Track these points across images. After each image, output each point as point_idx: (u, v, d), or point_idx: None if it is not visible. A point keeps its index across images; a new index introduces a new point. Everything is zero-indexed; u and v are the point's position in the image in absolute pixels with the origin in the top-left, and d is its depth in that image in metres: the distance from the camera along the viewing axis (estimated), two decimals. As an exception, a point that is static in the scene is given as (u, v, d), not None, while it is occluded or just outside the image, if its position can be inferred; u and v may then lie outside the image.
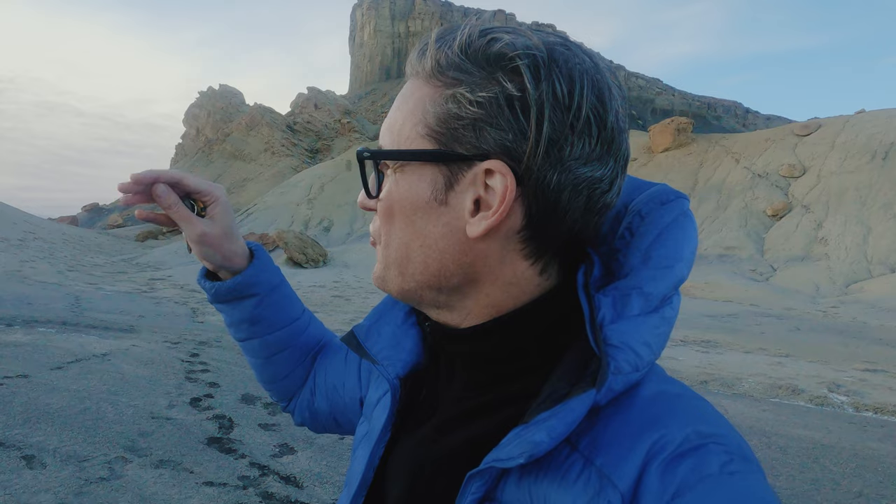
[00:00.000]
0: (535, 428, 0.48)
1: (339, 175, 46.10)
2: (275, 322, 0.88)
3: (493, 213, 0.52)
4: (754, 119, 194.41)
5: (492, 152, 0.51)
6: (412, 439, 0.61)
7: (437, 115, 0.53)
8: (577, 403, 0.48)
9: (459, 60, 0.52)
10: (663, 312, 0.53)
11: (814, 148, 35.42)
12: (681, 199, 0.58)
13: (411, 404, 0.65)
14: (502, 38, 0.51)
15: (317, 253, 29.49)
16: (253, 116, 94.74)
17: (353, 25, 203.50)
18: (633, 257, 0.55)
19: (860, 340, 14.17)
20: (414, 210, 0.55)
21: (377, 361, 0.66)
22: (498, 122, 0.50)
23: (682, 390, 0.53)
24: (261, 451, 3.97)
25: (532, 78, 0.49)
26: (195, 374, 5.88)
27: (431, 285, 0.57)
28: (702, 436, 0.47)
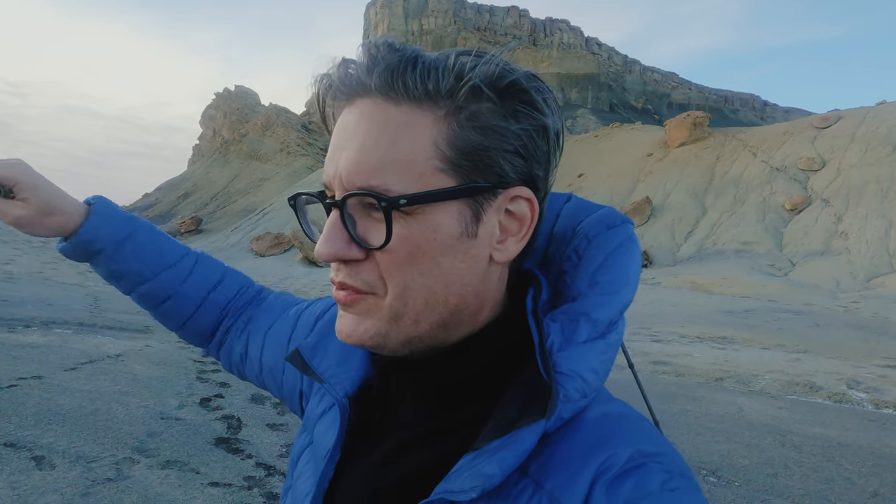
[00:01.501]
0: (486, 459, 0.48)
1: (353, 174, 46.38)
2: (139, 273, 0.86)
3: (523, 237, 0.54)
4: (772, 112, 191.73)
5: (513, 179, 0.52)
6: (363, 462, 0.60)
7: (457, 147, 0.50)
8: (527, 434, 0.48)
9: (481, 89, 0.50)
10: (609, 338, 0.54)
11: (833, 140, 34.85)
12: (626, 224, 0.59)
13: (361, 423, 0.63)
14: (511, 69, 0.51)
15: (332, 252, 29.67)
16: (268, 117, 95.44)
17: (367, 24, 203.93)
18: (580, 281, 0.56)
19: (881, 336, 13.93)
20: (443, 249, 0.51)
21: (323, 380, 0.64)
22: (524, 150, 0.52)
23: (624, 410, 0.54)
24: (268, 451, 3.99)
25: (548, 108, 0.53)
26: (206, 375, 5.92)
27: (446, 322, 0.54)
28: (644, 455, 0.48)
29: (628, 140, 48.30)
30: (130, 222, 0.86)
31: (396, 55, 0.51)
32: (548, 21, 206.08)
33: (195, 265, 0.90)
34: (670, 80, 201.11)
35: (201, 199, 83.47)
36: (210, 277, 0.91)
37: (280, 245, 34.20)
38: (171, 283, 0.88)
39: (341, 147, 0.52)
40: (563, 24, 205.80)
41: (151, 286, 0.87)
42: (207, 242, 40.27)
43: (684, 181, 38.12)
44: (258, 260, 31.68)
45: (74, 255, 0.83)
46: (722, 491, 4.13)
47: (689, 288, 22.87)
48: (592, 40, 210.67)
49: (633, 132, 50.84)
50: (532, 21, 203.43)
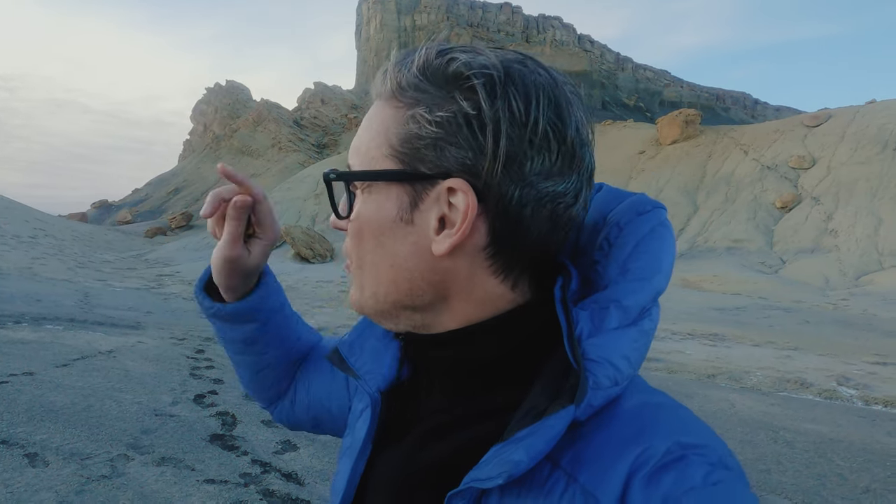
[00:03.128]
0: (514, 447, 0.48)
1: (345, 170, 46.22)
2: (270, 343, 0.84)
3: (456, 230, 0.52)
4: (763, 110, 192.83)
5: (453, 170, 0.52)
6: (393, 453, 0.61)
7: (400, 136, 0.54)
8: (555, 420, 0.47)
9: (418, 81, 0.53)
10: (642, 325, 0.53)
11: (823, 139, 35.09)
12: (658, 210, 0.58)
13: (393, 417, 0.64)
14: (459, 58, 0.52)
15: (324, 248, 29.56)
16: (260, 112, 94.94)
17: (360, 20, 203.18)
18: (612, 269, 0.55)
19: (870, 333, 14.05)
20: (382, 230, 0.55)
21: (358, 376, 0.66)
22: (457, 140, 0.51)
23: (663, 400, 0.53)
24: (263, 448, 3.97)
25: (487, 96, 0.50)
26: (200, 371, 5.90)
27: (405, 305, 0.57)
28: (683, 447, 0.46)
29: (621, 137, 48.43)
30: (282, 292, 0.84)
31: (397, 57, 0.56)
32: (541, 18, 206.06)
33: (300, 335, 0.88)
34: (662, 78, 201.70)
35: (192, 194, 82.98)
36: (307, 347, 0.90)
37: (272, 241, 34.08)
38: (286, 354, 0.86)
39: None
40: (555, 21, 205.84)
41: (273, 355, 0.85)
42: (198, 238, 40.02)
43: (676, 179, 38.30)
44: (250, 256, 31.53)
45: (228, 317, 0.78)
46: (716, 487, 4.16)
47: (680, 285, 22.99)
48: (585, 38, 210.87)
49: (625, 129, 50.97)
50: (525, 18, 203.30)
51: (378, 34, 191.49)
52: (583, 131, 0.54)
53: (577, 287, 0.55)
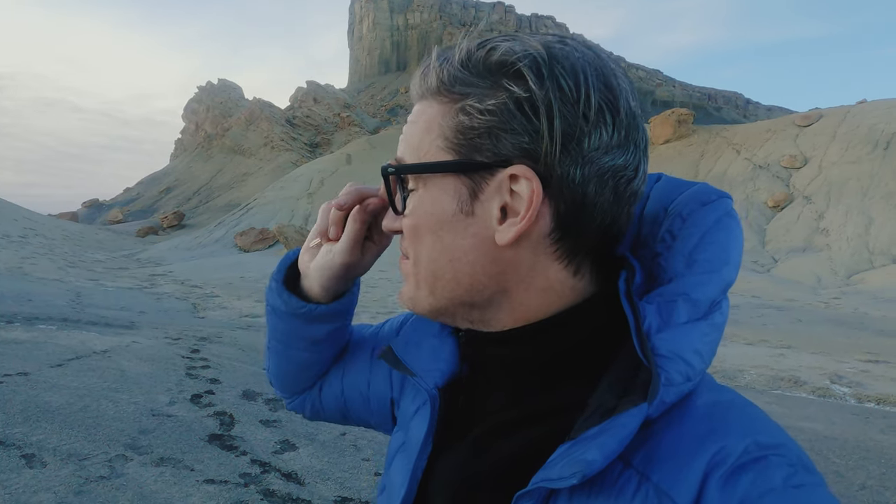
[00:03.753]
0: (586, 445, 0.47)
1: (339, 169, 46.02)
2: (335, 343, 0.81)
3: (522, 217, 0.51)
4: (755, 110, 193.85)
5: (513, 157, 0.51)
6: (454, 452, 0.60)
7: (452, 128, 0.53)
8: (628, 418, 0.46)
9: (462, 74, 0.53)
10: (713, 319, 0.52)
11: (815, 139, 35.31)
12: (723, 199, 0.56)
13: (452, 415, 0.63)
14: (500, 46, 0.51)
15: (317, 247, 29.52)
16: (252, 111, 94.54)
17: (352, 19, 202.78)
18: (677, 262, 0.53)
19: (862, 331, 14.15)
20: (441, 224, 0.54)
21: (414, 374, 0.65)
22: (511, 126, 0.50)
23: (734, 397, 0.51)
24: (262, 447, 3.95)
25: (536, 78, 0.49)
26: (196, 371, 5.86)
27: (464, 301, 0.56)
28: (762, 447, 0.45)
29: (613, 137, 48.51)
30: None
31: (436, 56, 0.56)
32: (533, 17, 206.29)
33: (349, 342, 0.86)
34: (655, 78, 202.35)
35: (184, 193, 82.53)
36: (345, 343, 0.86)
37: (265, 240, 33.91)
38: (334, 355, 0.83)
39: None
40: (548, 21, 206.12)
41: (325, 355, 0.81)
42: (191, 238, 39.85)
43: (669, 178, 38.45)
44: (242, 255, 31.40)
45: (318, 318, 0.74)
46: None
47: (673, 284, 23.06)
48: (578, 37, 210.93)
49: (618, 129, 51.08)
50: (518, 17, 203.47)
51: (371, 33, 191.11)
52: (633, 102, 0.53)
53: (641, 280, 0.53)
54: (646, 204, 0.58)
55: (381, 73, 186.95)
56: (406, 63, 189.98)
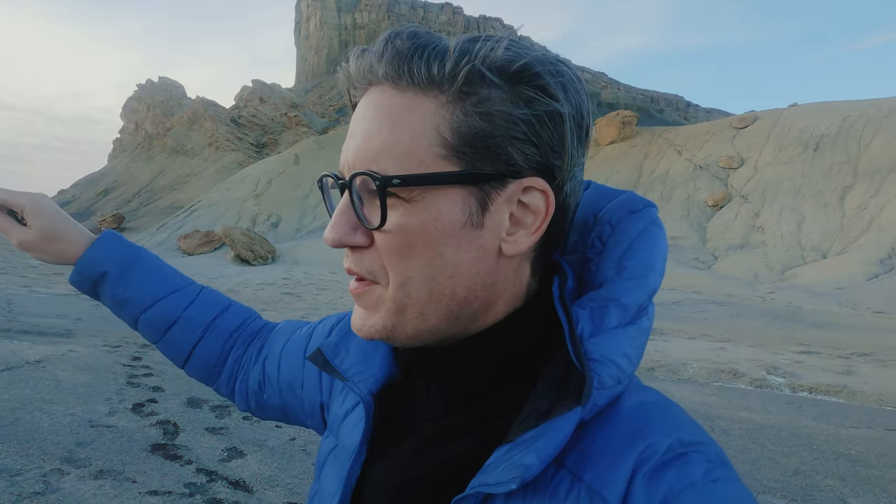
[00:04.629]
0: (523, 449, 0.47)
1: (286, 170, 45.24)
2: (144, 298, 0.86)
3: (536, 230, 0.52)
4: (695, 112, 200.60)
5: (524, 168, 0.50)
6: (390, 458, 0.59)
7: (460, 133, 0.49)
8: (563, 422, 0.47)
9: (484, 73, 0.48)
10: (640, 323, 0.53)
11: (750, 140, 36.85)
12: (650, 208, 0.58)
13: (386, 421, 0.62)
14: (523, 53, 0.49)
15: (265, 250, 28.90)
16: (195, 110, 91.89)
17: (299, 17, 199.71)
18: (607, 267, 0.54)
19: (795, 324, 14.85)
20: (446, 239, 0.50)
21: (346, 378, 0.64)
22: (528, 137, 0.49)
23: (658, 398, 0.53)
24: (208, 455, 3.85)
25: (563, 93, 0.50)
26: (137, 379, 5.66)
27: (453, 315, 0.53)
28: (683, 444, 0.47)
29: (561, 138, 49.42)
30: (135, 249, 0.89)
31: (408, 42, 0.50)
32: (481, 19, 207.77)
33: (200, 292, 0.91)
34: (600, 80, 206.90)
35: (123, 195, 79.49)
36: (215, 304, 0.91)
37: (210, 243, 33.01)
38: (175, 308, 0.87)
39: (352, 135, 0.53)
40: (496, 23, 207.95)
41: (157, 311, 0.86)
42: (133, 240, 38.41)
43: (615, 178, 39.39)
44: (186, 259, 30.46)
45: (81, 282, 0.86)
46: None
47: (619, 281, 23.66)
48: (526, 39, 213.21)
49: (565, 130, 52.05)
50: (466, 18, 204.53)
51: (318, 32, 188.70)
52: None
53: (573, 285, 0.55)
54: (575, 211, 0.58)
55: (328, 73, 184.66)
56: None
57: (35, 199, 0.85)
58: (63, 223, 0.85)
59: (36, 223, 0.83)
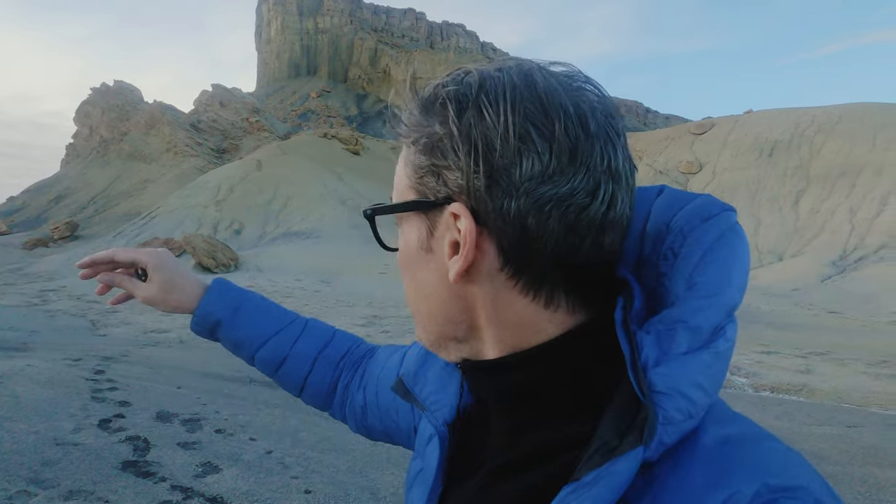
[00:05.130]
0: (582, 494, 0.45)
1: (249, 175, 44.48)
2: (255, 338, 0.94)
3: (461, 255, 0.50)
4: (654, 118, 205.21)
5: (453, 194, 0.50)
6: (464, 490, 0.59)
7: (412, 168, 0.54)
8: (624, 465, 0.44)
9: (413, 115, 0.54)
10: (716, 346, 0.48)
11: (708, 146, 37.89)
12: (726, 213, 0.52)
13: (461, 449, 0.63)
14: (445, 85, 0.52)
15: (227, 257, 28.36)
16: (153, 114, 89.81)
17: (260, 21, 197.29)
18: (678, 284, 0.50)
19: (755, 325, 15.27)
20: (411, 261, 0.56)
21: (425, 408, 0.66)
22: (445, 163, 0.50)
23: (747, 430, 0.48)
24: (182, 472, 3.74)
25: (456, 111, 0.49)
26: (102, 393, 5.47)
27: (447, 335, 0.57)
28: (773, 490, 0.42)
29: (524, 143, 49.97)
30: (242, 294, 0.96)
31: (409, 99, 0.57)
32: (444, 25, 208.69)
33: (305, 326, 0.97)
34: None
35: (77, 202, 77.02)
36: (320, 336, 0.97)
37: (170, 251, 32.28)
38: (283, 345, 0.94)
39: None
40: (459, 29, 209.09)
41: (267, 350, 0.94)
42: (88, 248, 37.21)
43: (577, 183, 40.08)
44: (146, 267, 29.64)
45: (201, 329, 0.95)
46: (636, 478, 4.36)
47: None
48: (488, 45, 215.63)
49: (528, 136, 52.66)
50: (429, 24, 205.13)
51: (279, 36, 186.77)
52: (589, 124, 0.48)
53: (641, 305, 0.50)
54: (647, 220, 0.54)
55: (291, 78, 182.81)
56: (316, 67, 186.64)
57: (158, 255, 0.94)
58: (180, 276, 0.94)
59: (156, 278, 0.92)
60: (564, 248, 0.49)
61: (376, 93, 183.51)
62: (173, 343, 11.05)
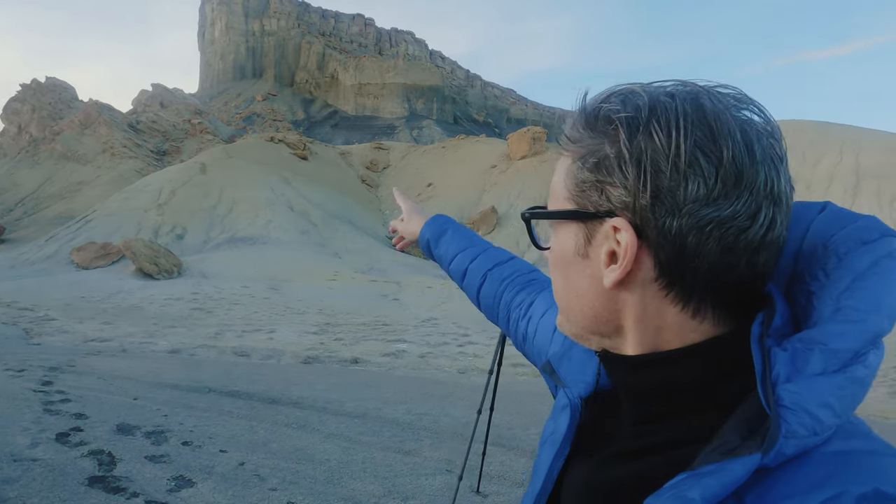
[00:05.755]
0: (694, 482, 0.47)
1: (192, 178, 43.12)
2: (447, 254, 1.21)
3: (619, 266, 0.54)
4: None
5: (615, 209, 0.54)
6: (587, 462, 0.65)
7: (572, 180, 0.58)
8: (739, 466, 0.46)
9: (579, 131, 0.58)
10: (852, 372, 0.48)
11: (651, 158, 39.30)
12: (887, 238, 0.51)
13: (591, 424, 0.67)
14: (610, 103, 0.55)
15: (170, 263, 27.39)
16: (88, 113, 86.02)
17: (203, 20, 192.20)
18: (825, 305, 0.50)
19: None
20: (566, 263, 0.61)
21: (565, 384, 0.71)
22: (612, 180, 0.54)
23: (877, 447, 0.48)
24: (154, 486, 3.60)
25: (628, 135, 0.53)
26: (55, 406, 5.21)
27: (592, 330, 0.62)
28: (882, 496, 0.42)
29: (474, 152, 50.40)
30: (449, 222, 1.27)
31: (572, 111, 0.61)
32: (393, 31, 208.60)
33: (486, 250, 1.18)
34: (509, 96, 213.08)
35: (4, 204, 72.78)
36: (495, 258, 1.16)
37: (107, 256, 30.81)
38: (465, 260, 1.17)
39: None
40: (408, 36, 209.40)
41: (455, 264, 1.19)
42: (15, 254, 35.17)
43: (526, 192, 40.65)
44: (81, 273, 28.27)
45: (422, 247, 1.28)
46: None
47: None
48: (436, 53, 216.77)
49: (477, 144, 53.14)
50: (378, 30, 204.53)
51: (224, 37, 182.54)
52: (755, 149, 0.50)
53: (783, 322, 0.52)
54: (805, 237, 0.55)
55: (235, 80, 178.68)
56: (262, 70, 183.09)
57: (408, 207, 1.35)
58: (414, 215, 1.31)
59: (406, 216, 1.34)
60: (720, 267, 0.51)
61: (324, 97, 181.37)
62: (115, 352, 10.60)
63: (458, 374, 10.20)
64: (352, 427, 5.38)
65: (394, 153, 56.83)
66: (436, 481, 4.09)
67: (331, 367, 10.10)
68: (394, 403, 6.47)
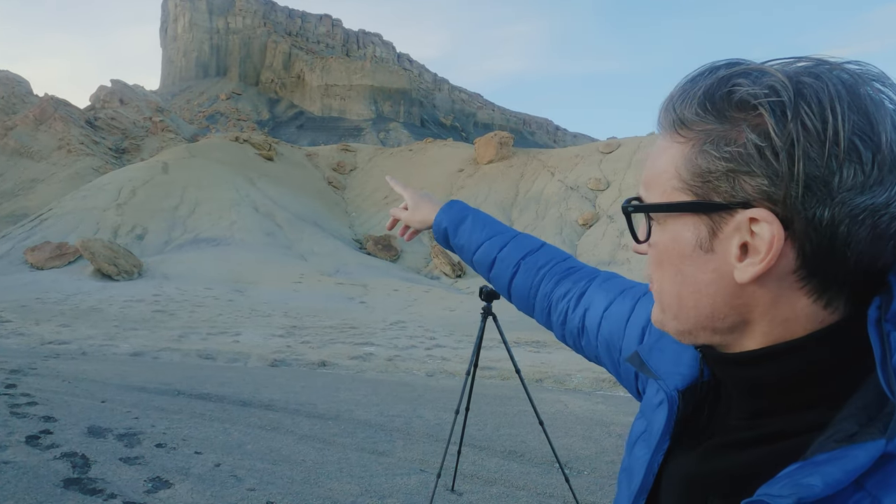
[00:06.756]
0: (812, 470, 0.46)
1: (154, 178, 42.16)
2: (470, 244, 1.14)
3: (761, 260, 0.51)
4: (563, 136, 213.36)
5: (752, 199, 0.51)
6: (688, 455, 0.63)
7: (690, 170, 0.54)
8: (861, 451, 0.45)
9: (700, 116, 0.53)
10: None
11: (615, 164, 39.93)
12: None
13: (690, 417, 0.65)
14: (742, 85, 0.51)
15: (130, 264, 26.78)
16: (43, 109, 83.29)
17: (166, 16, 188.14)
18: None
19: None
20: (681, 258, 0.57)
21: (658, 377, 0.69)
22: (751, 169, 0.50)
23: None
24: (131, 487, 3.61)
25: (777, 121, 0.49)
26: (21, 409, 5.13)
27: (705, 326, 0.58)
28: None
29: (441, 155, 50.58)
30: (467, 209, 1.19)
31: (679, 88, 0.57)
32: (361, 33, 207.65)
33: (515, 237, 1.13)
34: (476, 101, 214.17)
35: (-47, 201, 70.04)
36: (526, 246, 1.10)
37: (63, 256, 29.91)
38: (493, 249, 1.11)
39: None
40: (376, 38, 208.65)
41: (480, 253, 1.13)
42: (-35, 252, 33.93)
43: (493, 196, 40.99)
44: (36, 273, 27.39)
45: (438, 236, 1.20)
46: (576, 481, 4.61)
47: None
48: (404, 56, 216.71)
49: (444, 148, 53.33)
50: (345, 32, 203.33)
51: (187, 34, 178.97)
52: None
53: None
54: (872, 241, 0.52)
55: (198, 78, 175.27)
56: (226, 69, 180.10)
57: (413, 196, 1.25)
58: (423, 203, 1.23)
59: (409, 205, 1.25)
60: (867, 255, 0.50)
61: (289, 98, 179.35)
62: (76, 355, 10.37)
63: (427, 376, 10.28)
64: (325, 428, 5.43)
65: (360, 155, 56.54)
66: (411, 480, 4.19)
67: (298, 370, 10.08)
68: (366, 405, 6.53)
